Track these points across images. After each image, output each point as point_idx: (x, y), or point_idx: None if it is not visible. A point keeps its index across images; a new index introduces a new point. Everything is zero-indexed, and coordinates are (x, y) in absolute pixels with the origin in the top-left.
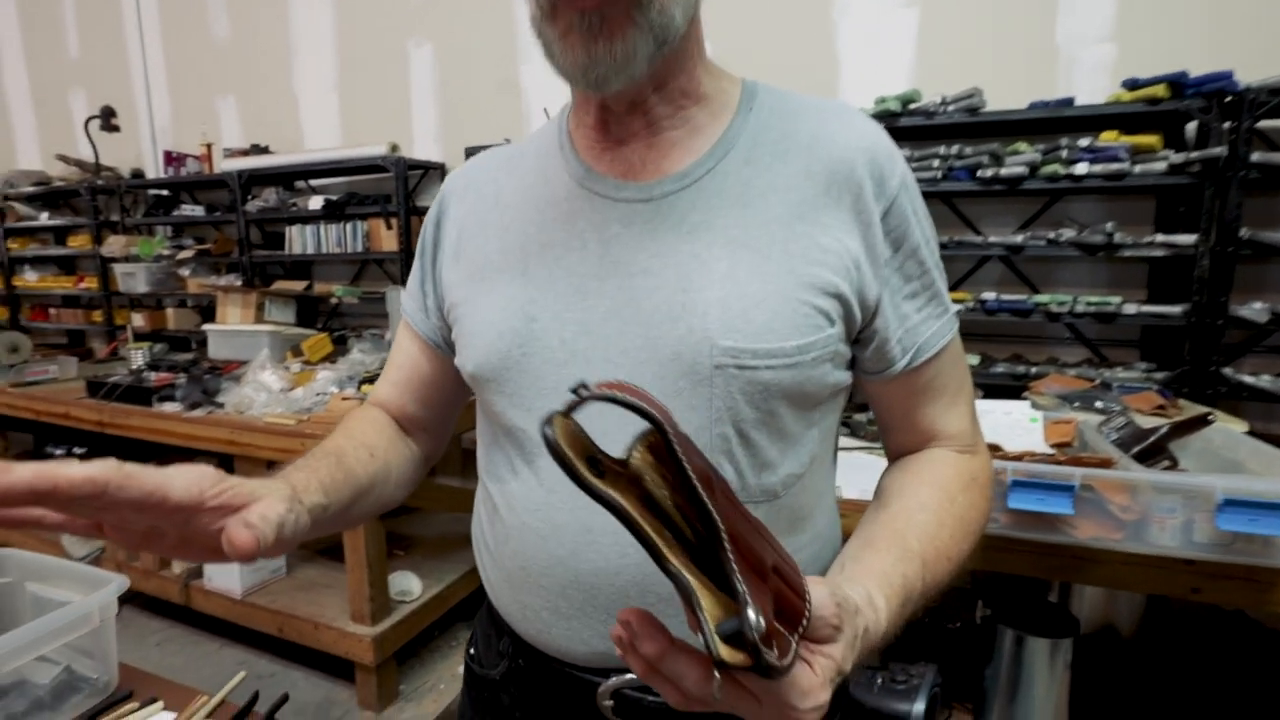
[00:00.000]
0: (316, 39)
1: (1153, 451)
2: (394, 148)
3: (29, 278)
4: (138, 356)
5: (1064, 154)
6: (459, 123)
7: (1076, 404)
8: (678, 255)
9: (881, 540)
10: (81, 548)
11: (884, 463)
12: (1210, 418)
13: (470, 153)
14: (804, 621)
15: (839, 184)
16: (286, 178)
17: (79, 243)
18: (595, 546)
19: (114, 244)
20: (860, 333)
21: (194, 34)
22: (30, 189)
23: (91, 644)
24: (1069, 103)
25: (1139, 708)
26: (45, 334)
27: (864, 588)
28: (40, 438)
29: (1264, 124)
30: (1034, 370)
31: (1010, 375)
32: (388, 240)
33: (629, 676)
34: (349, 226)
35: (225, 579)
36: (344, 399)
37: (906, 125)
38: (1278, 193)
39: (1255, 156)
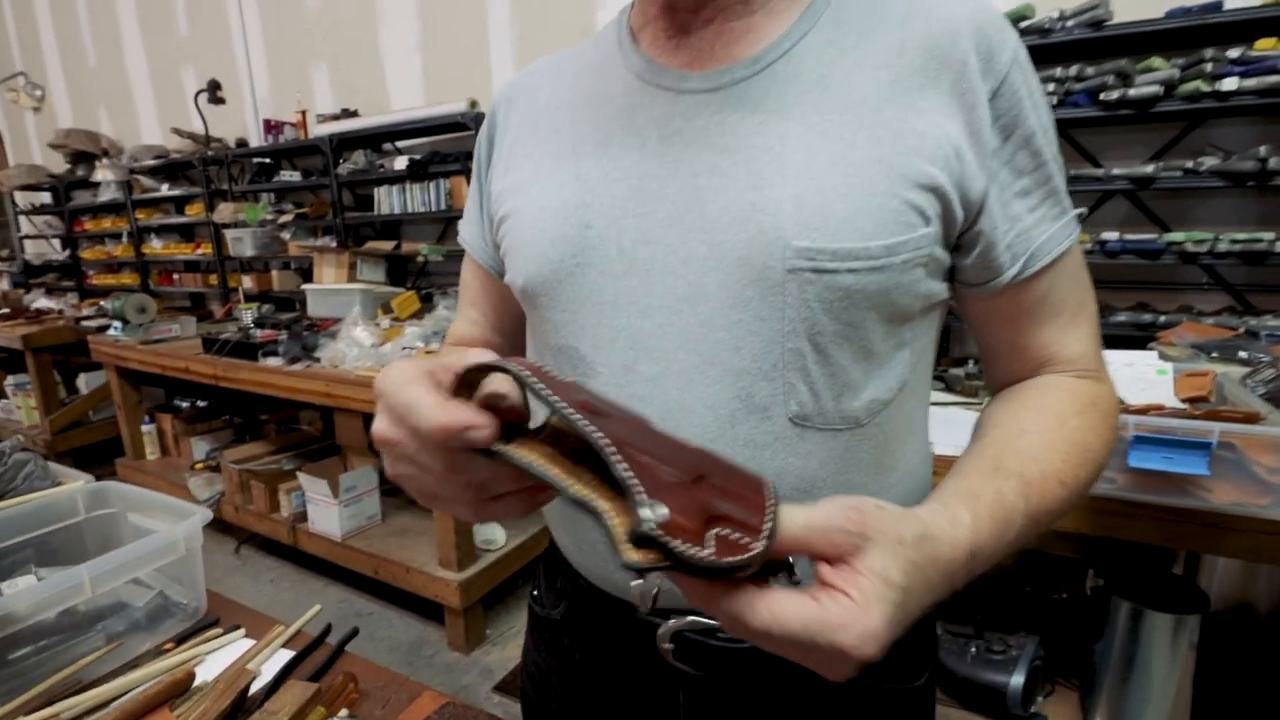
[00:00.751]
0: (400, 1)
1: None
2: (473, 104)
3: (155, 245)
4: (247, 316)
5: (1209, 68)
6: None
7: (1215, 354)
8: (749, 150)
9: (970, 466)
10: (205, 491)
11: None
12: None
13: None
14: (765, 524)
15: (938, 60)
16: (374, 140)
17: (195, 211)
18: None
19: (224, 211)
20: (961, 236)
21: (288, 6)
22: (152, 162)
23: (181, 571)
24: (1216, 7)
25: (1277, 695)
26: (172, 297)
27: (941, 504)
28: (170, 391)
29: None
30: (1162, 319)
31: (1134, 325)
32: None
33: (690, 618)
34: (432, 186)
35: (326, 523)
36: (428, 352)
37: None
38: None
39: None
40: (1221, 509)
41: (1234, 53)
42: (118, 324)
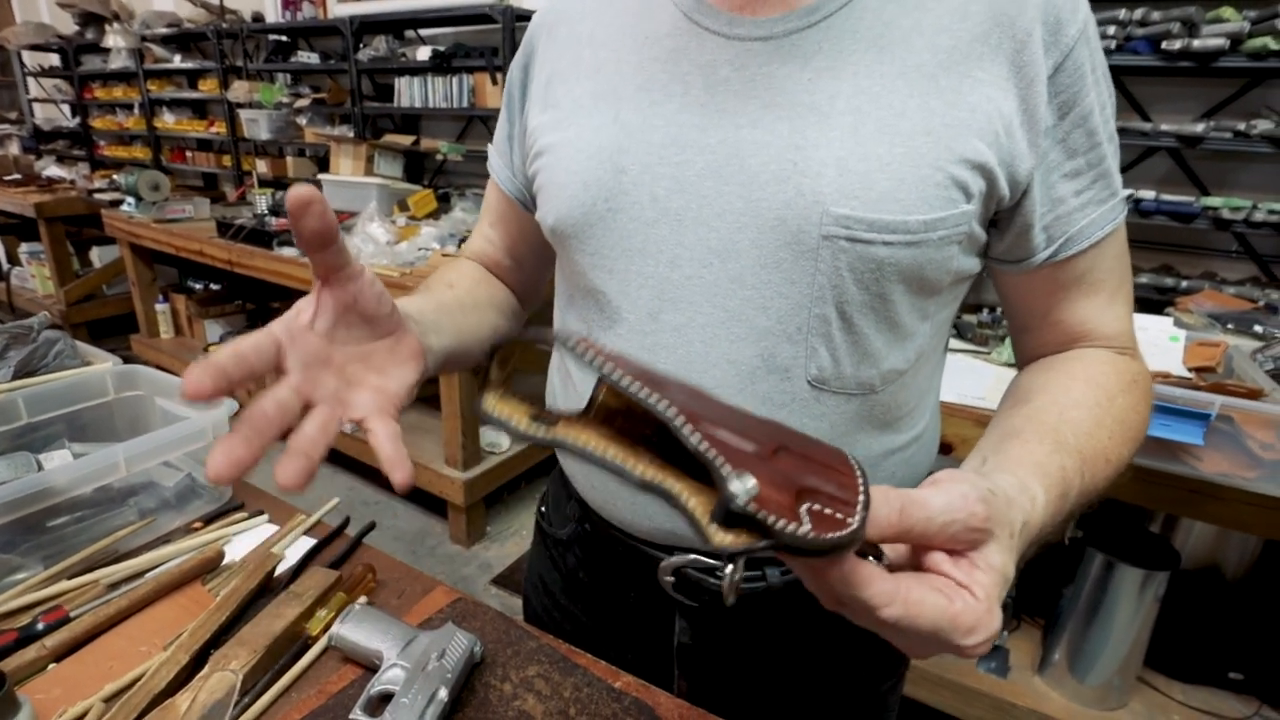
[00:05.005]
0: None
1: None
2: None
3: (167, 120)
4: (261, 202)
5: None
6: None
7: (1231, 326)
8: (795, 106)
9: (1030, 432)
10: None
11: (991, 368)
12: None
13: None
14: (859, 495)
15: (1002, 28)
16: (396, 25)
17: (208, 87)
18: None
19: (238, 90)
20: (1000, 213)
21: None
22: (164, 30)
23: None
24: None
25: (1229, 654)
26: (184, 175)
27: (1015, 476)
28: (183, 271)
29: None
30: (1184, 285)
31: (1155, 288)
32: (493, 97)
33: (691, 556)
34: (455, 81)
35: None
36: (444, 255)
37: None
38: None
39: None
40: (1209, 478)
41: None
42: (131, 200)
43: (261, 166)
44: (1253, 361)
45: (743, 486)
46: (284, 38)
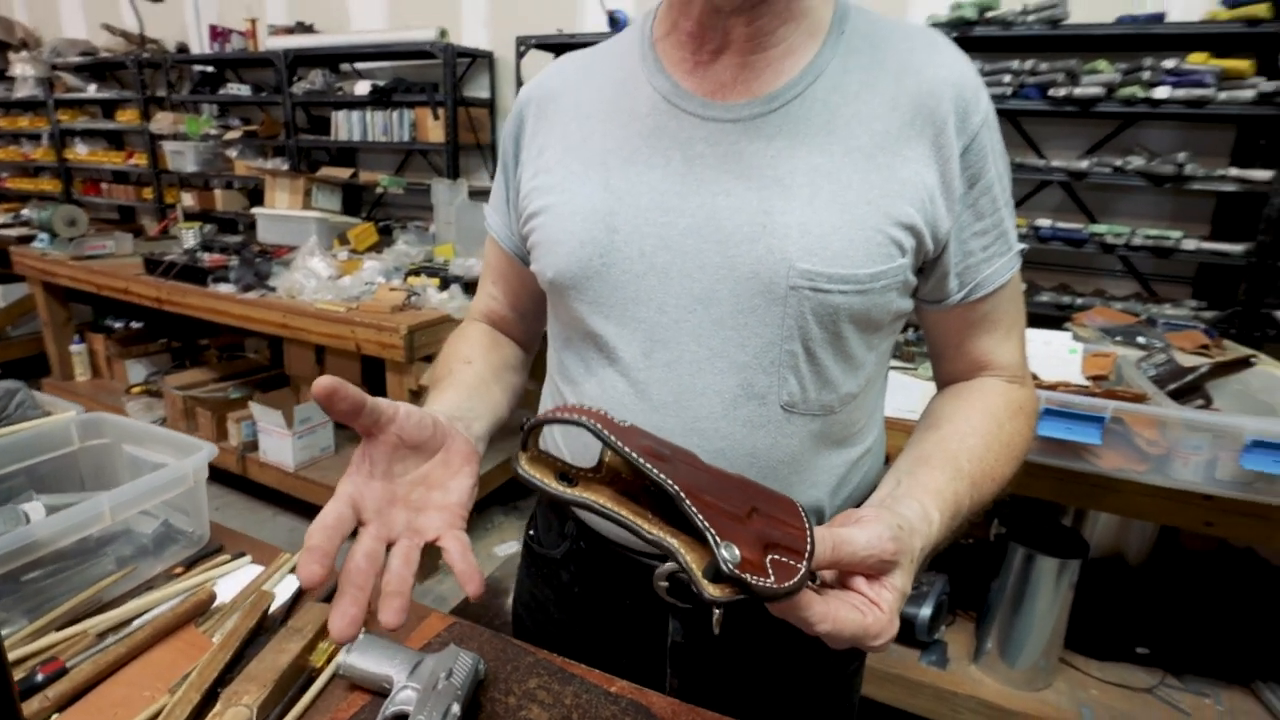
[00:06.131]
0: None
1: (1189, 390)
2: (443, 33)
3: (80, 150)
4: (189, 236)
5: (1146, 75)
6: (510, 10)
7: (1119, 338)
8: (762, 179)
9: (936, 459)
10: (144, 416)
11: (918, 383)
12: (1252, 360)
13: (521, 42)
14: (807, 544)
15: (923, 117)
16: (333, 59)
17: (127, 117)
18: None
19: (161, 120)
20: (925, 264)
21: None
22: (77, 59)
23: (187, 502)
24: (1159, 18)
25: (1135, 631)
26: (98, 209)
27: (920, 503)
28: (99, 309)
29: None
30: (1079, 301)
31: (1055, 305)
32: (434, 131)
33: None
34: (395, 114)
35: (279, 453)
36: (391, 289)
37: (980, 35)
38: None
39: None
40: (1107, 473)
41: (1169, 63)
42: (44, 236)
43: (187, 199)
44: (1138, 369)
45: (730, 555)
46: (210, 68)
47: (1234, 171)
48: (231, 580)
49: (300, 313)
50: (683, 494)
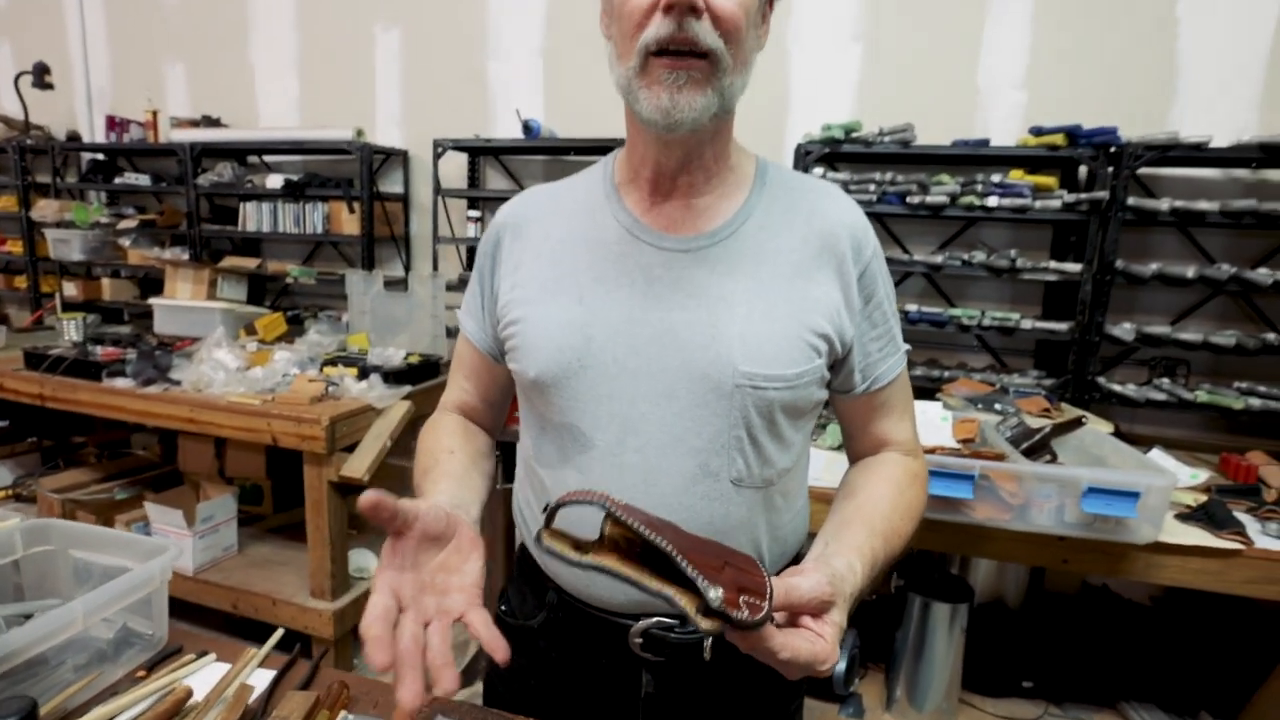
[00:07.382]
0: (276, 12)
1: (1038, 447)
2: (360, 133)
3: None
4: (71, 328)
5: (979, 187)
6: (425, 112)
7: (980, 405)
8: (708, 297)
9: (854, 522)
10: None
11: (821, 454)
12: (1083, 420)
13: (439, 144)
14: (768, 589)
15: (828, 250)
16: (240, 153)
17: (4, 204)
18: None
19: (45, 208)
20: (835, 363)
21: None
22: None
23: (144, 605)
24: (985, 143)
25: (1020, 668)
26: None
27: (845, 558)
28: None
29: (1141, 172)
30: (946, 374)
31: (926, 378)
32: (349, 224)
33: (656, 619)
34: (308, 207)
35: (177, 557)
36: (310, 380)
37: (848, 151)
38: (1147, 230)
39: (1131, 200)
40: (980, 523)
41: (996, 177)
42: None
43: (70, 288)
44: (997, 432)
45: (716, 595)
46: (102, 157)
47: (1053, 264)
48: (199, 679)
49: (209, 406)
50: (677, 554)
